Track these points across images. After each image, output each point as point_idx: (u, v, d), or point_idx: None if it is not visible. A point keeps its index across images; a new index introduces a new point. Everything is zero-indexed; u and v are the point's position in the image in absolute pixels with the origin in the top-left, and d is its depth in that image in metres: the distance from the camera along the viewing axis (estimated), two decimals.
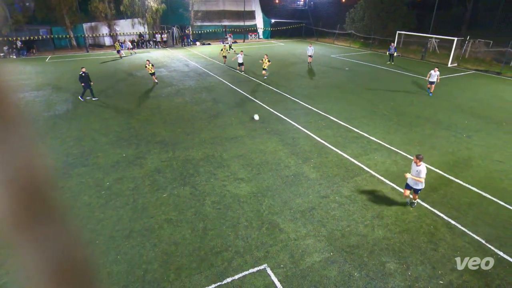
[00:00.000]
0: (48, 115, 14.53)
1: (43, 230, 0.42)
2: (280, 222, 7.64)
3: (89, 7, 33.73)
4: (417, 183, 7.60)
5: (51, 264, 0.43)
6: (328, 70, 23.76)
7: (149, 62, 19.34)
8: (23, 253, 0.42)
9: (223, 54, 25.28)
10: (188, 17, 38.94)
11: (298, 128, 13.03)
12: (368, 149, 11.20)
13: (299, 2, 48.26)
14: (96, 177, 9.46)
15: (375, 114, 14.58)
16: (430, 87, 17.42)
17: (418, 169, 7.45)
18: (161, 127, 13.11)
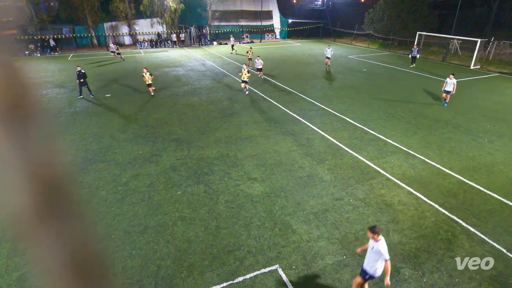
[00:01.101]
0: (69, 112, 14.97)
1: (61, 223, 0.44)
2: (293, 223, 7.60)
3: (110, 7, 34.54)
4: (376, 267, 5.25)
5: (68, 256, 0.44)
6: (345, 71, 23.47)
7: (146, 71, 16.85)
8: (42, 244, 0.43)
9: (248, 56, 24.18)
10: (205, 17, 39.29)
11: (313, 129, 12.93)
12: (385, 152, 10.99)
13: (317, 2, 47.86)
14: (114, 173, 9.68)
15: (392, 116, 14.30)
16: (446, 97, 15.55)
17: (376, 247, 5.13)
18: (177, 126, 13.28)
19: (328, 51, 23.78)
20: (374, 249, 5.18)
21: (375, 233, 5.13)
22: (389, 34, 34.28)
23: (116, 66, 25.46)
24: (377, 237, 5.14)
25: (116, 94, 17.82)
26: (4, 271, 6.19)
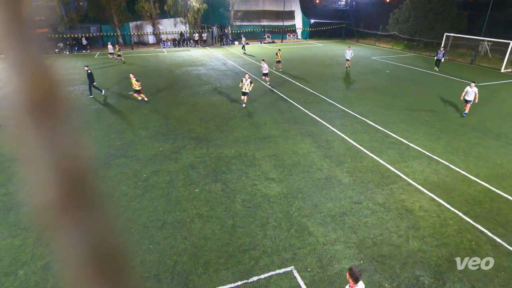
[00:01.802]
0: (94, 108, 15.48)
1: (84, 215, 0.45)
2: (309, 225, 7.53)
3: (135, 7, 35.45)
4: None
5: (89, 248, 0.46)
6: (367, 72, 23.02)
7: (133, 76, 15.66)
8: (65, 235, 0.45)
9: (277, 59, 23.01)
10: (228, 16, 39.58)
11: (332, 130, 12.76)
12: (406, 156, 10.70)
13: (340, 2, 47.18)
14: (135, 168, 9.93)
15: (415, 120, 13.89)
16: (466, 106, 14.22)
17: None
18: (197, 124, 13.46)
19: (348, 53, 23.11)
20: None
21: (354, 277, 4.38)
22: (415, 35, 33.32)
23: (140, 64, 26.08)
24: (352, 283, 4.41)
25: None
26: (30, 259, 6.49)
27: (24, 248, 6.76)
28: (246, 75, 15.02)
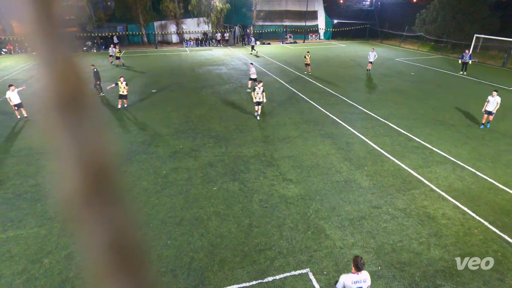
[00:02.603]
0: (115, 105, 15.92)
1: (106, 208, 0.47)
2: (326, 228, 7.44)
3: (160, 7, 36.23)
4: None
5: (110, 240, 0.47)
6: (391, 74, 22.46)
7: (122, 80, 14.77)
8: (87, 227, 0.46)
9: (306, 61, 22.02)
10: (250, 16, 39.72)
11: (353, 133, 12.55)
12: (430, 161, 10.36)
13: (365, 2, 46.29)
14: (155, 165, 10.14)
15: (440, 124, 13.43)
16: (487, 118, 12.84)
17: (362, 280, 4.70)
18: (216, 123, 13.59)
19: (371, 55, 22.14)
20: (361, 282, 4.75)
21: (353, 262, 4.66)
22: (442, 37, 32.20)
23: (163, 63, 26.63)
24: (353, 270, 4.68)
25: (161, 89, 18.65)
26: (54, 249, 6.76)
27: (49, 238, 7.06)
28: (260, 83, 13.60)
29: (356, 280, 4.65)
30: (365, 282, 4.68)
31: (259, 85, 13.42)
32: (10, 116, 14.28)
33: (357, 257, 4.70)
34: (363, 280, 4.67)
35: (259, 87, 13.38)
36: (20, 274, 6.16)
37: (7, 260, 6.48)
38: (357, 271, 4.65)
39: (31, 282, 5.99)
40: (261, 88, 13.44)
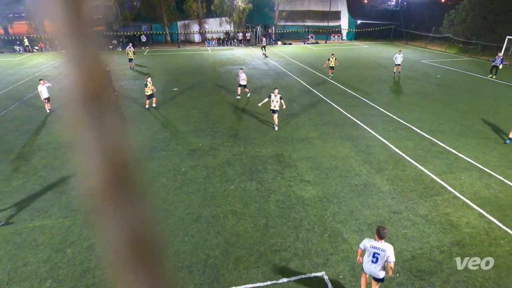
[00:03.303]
0: (140, 102, 16.32)
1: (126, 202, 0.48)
2: (344, 231, 7.33)
3: (184, 6, 36.84)
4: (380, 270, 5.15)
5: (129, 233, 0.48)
6: (415, 76, 21.82)
7: (150, 80, 14.77)
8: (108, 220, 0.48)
9: (329, 64, 20.56)
10: (272, 16, 39.69)
11: (374, 135, 12.28)
12: (455, 167, 9.99)
13: (390, 3, 45.17)
14: (174, 162, 10.33)
15: (467, 129, 12.92)
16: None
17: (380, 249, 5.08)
18: (236, 122, 13.67)
19: (398, 57, 21.17)
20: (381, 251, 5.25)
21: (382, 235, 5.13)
22: (472, 38, 30.95)
23: (185, 62, 27.06)
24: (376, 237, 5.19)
25: (183, 88, 18.95)
26: (77, 240, 7.02)
27: (73, 229, 7.33)
28: (275, 90, 12.48)
29: (374, 245, 5.13)
30: (384, 251, 5.05)
31: (275, 92, 12.34)
32: (40, 110, 14.93)
33: (380, 226, 5.21)
34: (382, 249, 5.07)
35: (275, 94, 12.30)
36: (45, 263, 6.43)
37: (33, 248, 6.79)
38: (379, 239, 5.12)
39: (54, 270, 6.25)
40: (278, 95, 12.30)
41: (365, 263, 5.27)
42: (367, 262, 5.21)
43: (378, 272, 5.15)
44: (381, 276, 5.18)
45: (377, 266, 5.11)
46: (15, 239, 7.05)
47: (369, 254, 5.15)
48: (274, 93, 12.39)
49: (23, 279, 6.06)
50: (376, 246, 5.10)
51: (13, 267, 6.32)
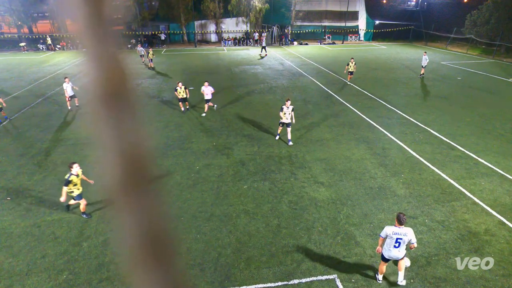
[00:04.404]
0: (157, 101, 16.58)
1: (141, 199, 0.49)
2: (357, 234, 7.23)
3: (201, 6, 37.19)
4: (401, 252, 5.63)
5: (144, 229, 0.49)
6: (435, 78, 21.29)
7: (181, 85, 14.19)
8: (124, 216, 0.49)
9: (349, 69, 19.46)
10: (289, 16, 39.53)
11: (390, 138, 12.06)
12: (474, 172, 9.69)
13: (410, 3, 44.21)
14: (189, 160, 10.43)
15: (488, 133, 12.51)
16: None
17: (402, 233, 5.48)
18: (250, 122, 13.69)
19: (424, 59, 20.85)
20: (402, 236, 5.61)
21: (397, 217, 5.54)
22: (495, 39, 29.94)
23: (202, 62, 27.29)
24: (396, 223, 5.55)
25: (198, 87, 19.08)
26: (93, 234, 7.19)
27: (89, 223, 7.52)
28: (288, 101, 11.16)
29: (396, 231, 5.46)
30: (406, 235, 5.43)
31: (287, 104, 11.09)
32: (61, 107, 15.38)
33: (400, 213, 5.56)
34: (404, 233, 5.43)
35: (287, 106, 11.06)
36: (62, 255, 6.62)
37: (52, 241, 7.00)
38: (399, 225, 5.47)
39: (71, 263, 6.42)
40: (290, 107, 11.08)
41: (385, 250, 5.63)
42: (389, 249, 5.58)
43: (399, 254, 5.60)
44: (401, 256, 5.64)
45: (399, 249, 5.55)
46: (35, 231, 7.29)
47: (392, 240, 5.50)
48: (286, 104, 11.10)
49: (41, 271, 6.26)
50: (398, 232, 5.45)
51: (32, 259, 6.54)
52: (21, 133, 12.62)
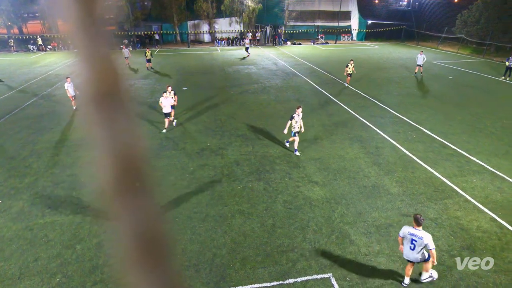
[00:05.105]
0: (150, 101, 16.47)
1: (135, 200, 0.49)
2: (351, 233, 7.27)
3: (194, 6, 37.04)
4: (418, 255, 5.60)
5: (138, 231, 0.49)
6: (427, 78, 21.51)
7: (170, 89, 12.66)
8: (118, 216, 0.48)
9: (347, 71, 18.72)
10: (282, 16, 39.60)
11: (383, 137, 12.16)
12: (466, 170, 9.82)
13: (401, 3, 44.61)
14: (183, 161, 10.39)
15: (479, 131, 12.68)
16: None
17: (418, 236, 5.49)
18: (244, 122, 13.68)
19: (419, 58, 21.17)
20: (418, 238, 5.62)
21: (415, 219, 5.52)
22: (485, 39, 30.36)
23: (195, 62, 27.20)
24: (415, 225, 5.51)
25: (192, 87, 19.06)
26: (86, 236, 7.12)
27: (82, 225, 7.44)
28: (299, 109, 10.47)
29: (412, 232, 5.47)
30: (421, 239, 5.39)
31: (298, 111, 10.43)
32: (52, 108, 15.19)
33: (417, 214, 5.55)
34: (419, 236, 5.40)
35: (298, 113, 10.41)
36: (55, 258, 6.54)
37: (44, 244, 6.92)
38: (417, 226, 5.47)
39: (64, 266, 6.35)
40: (301, 114, 10.50)
41: (405, 250, 5.68)
42: (407, 249, 5.63)
43: (414, 256, 5.59)
44: (418, 259, 5.63)
45: (415, 252, 5.53)
46: (27, 234, 7.19)
47: (408, 241, 5.55)
48: (297, 112, 10.41)
49: (34, 274, 6.18)
50: (413, 233, 5.46)
51: (24, 262, 6.45)
52: (12, 135, 12.44)
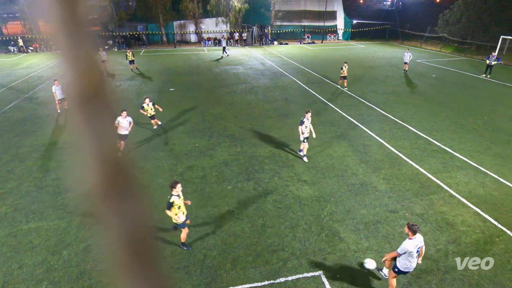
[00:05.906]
0: (137, 103, 16.24)
1: (123, 203, 0.48)
2: (341, 230, 7.35)
3: (180, 6, 36.73)
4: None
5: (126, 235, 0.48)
6: (411, 76, 21.95)
7: (148, 101, 12.10)
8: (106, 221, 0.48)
9: (342, 74, 18.19)
10: (268, 16, 39.70)
11: (370, 135, 12.33)
12: (450, 166, 10.06)
13: (385, 3, 45.38)
14: (171, 162, 10.29)
15: (462, 128, 13.02)
16: None
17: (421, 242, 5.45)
18: (232, 122, 13.65)
19: (406, 56, 22.35)
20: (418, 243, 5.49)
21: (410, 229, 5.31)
22: (466, 38, 31.18)
23: (181, 62, 26.98)
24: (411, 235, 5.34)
25: (179, 88, 18.90)
26: (73, 241, 6.97)
27: (68, 230, 7.28)
28: (308, 113, 10.04)
29: (416, 244, 5.35)
30: (421, 242, 5.40)
31: (308, 115, 10.02)
32: (35, 112, 14.81)
33: (411, 224, 5.35)
34: (420, 241, 5.38)
35: (307, 117, 10.01)
36: (40, 265, 6.38)
37: (29, 250, 6.73)
38: (414, 235, 5.33)
39: (50, 272, 6.20)
40: (310, 118, 10.11)
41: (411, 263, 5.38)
42: (410, 261, 5.37)
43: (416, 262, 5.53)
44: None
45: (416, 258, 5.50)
46: (10, 241, 6.99)
47: (413, 254, 5.34)
48: (307, 116, 10.00)
49: (19, 282, 6.01)
50: (417, 244, 5.36)
51: (8, 270, 6.27)
52: None
